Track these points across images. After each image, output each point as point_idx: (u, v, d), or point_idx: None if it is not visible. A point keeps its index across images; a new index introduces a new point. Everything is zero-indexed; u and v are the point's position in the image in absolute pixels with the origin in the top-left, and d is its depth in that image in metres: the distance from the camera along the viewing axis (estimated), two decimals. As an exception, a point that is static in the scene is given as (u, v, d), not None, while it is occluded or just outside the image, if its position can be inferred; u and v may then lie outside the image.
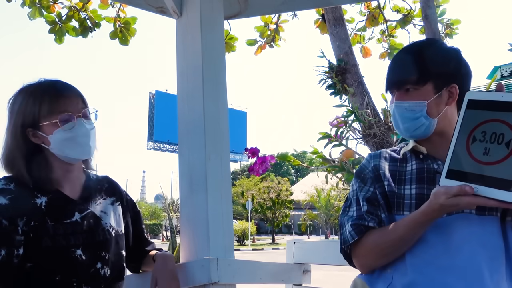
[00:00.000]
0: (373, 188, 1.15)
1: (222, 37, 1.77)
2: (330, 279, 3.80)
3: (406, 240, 1.03)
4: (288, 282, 1.81)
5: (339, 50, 3.06)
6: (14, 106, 1.23)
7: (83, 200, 1.27)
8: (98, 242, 1.25)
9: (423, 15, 2.54)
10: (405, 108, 1.13)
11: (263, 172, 2.13)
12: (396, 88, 1.16)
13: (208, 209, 1.49)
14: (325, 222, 27.84)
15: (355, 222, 1.12)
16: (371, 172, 1.18)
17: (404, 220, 1.04)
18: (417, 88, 1.12)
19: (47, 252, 1.15)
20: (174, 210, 23.76)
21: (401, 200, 1.10)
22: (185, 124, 1.64)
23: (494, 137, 0.89)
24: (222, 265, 1.40)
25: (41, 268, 1.15)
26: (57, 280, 1.15)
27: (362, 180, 1.19)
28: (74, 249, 1.18)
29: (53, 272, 1.15)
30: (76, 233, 1.20)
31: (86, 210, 1.26)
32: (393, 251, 1.06)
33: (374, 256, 1.09)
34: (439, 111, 1.12)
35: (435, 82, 1.11)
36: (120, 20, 3.13)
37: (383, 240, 1.07)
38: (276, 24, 3.60)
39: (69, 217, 1.21)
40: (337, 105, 2.61)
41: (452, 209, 0.95)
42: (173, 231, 8.55)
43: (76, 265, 1.18)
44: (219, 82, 1.66)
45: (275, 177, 32.93)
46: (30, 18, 2.99)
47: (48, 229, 1.16)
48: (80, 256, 1.19)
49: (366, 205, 1.13)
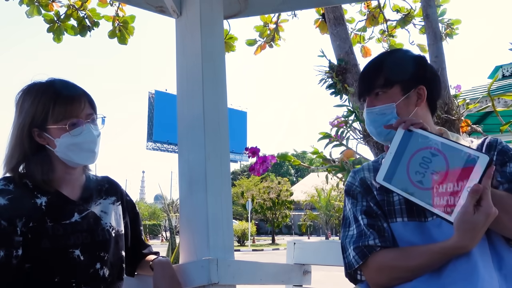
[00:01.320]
0: (365, 202, 1.16)
1: (222, 36, 1.76)
2: (330, 279, 3.79)
3: (430, 267, 1.01)
4: (288, 282, 1.80)
5: (340, 50, 3.05)
6: (24, 104, 1.21)
7: (83, 201, 1.27)
8: (97, 242, 1.24)
9: (424, 14, 2.54)
10: (376, 113, 1.17)
11: (264, 172, 2.12)
12: (367, 93, 1.20)
13: (207, 209, 1.48)
14: (326, 223, 27.84)
15: (357, 245, 1.10)
16: (358, 186, 1.19)
17: (429, 250, 1.01)
18: (385, 91, 1.16)
19: (46, 253, 1.14)
20: (173, 211, 23.76)
21: (392, 207, 1.10)
22: (184, 124, 1.63)
23: (428, 165, 0.98)
24: (222, 265, 1.39)
25: (40, 269, 1.14)
26: (56, 281, 1.15)
27: (353, 197, 1.19)
28: (72, 249, 1.18)
29: (52, 273, 1.15)
30: (75, 232, 1.20)
31: (86, 211, 1.25)
32: (413, 276, 1.03)
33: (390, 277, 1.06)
34: (409, 112, 1.15)
35: (401, 84, 1.15)
36: (118, 19, 3.12)
37: (401, 265, 1.04)
38: (276, 24, 3.59)
39: (68, 218, 1.21)
40: (337, 105, 2.60)
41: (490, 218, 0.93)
42: (173, 231, 8.52)
43: (75, 265, 1.18)
44: (218, 82, 1.65)
45: (275, 177, 32.95)
46: (28, 16, 2.98)
47: (47, 230, 1.15)
48: (79, 257, 1.18)
49: (365, 218, 1.12)
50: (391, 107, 1.14)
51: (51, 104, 1.19)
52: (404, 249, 1.06)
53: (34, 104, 1.19)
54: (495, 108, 2.23)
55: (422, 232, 1.05)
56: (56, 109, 1.19)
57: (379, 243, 1.08)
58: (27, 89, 1.23)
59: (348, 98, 2.96)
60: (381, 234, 1.09)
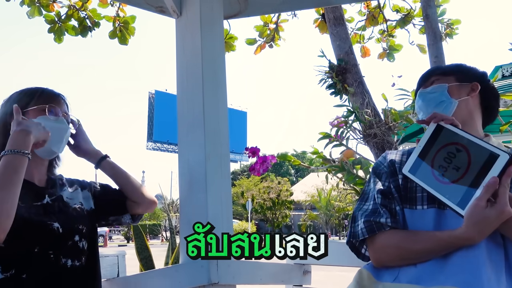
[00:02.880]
0: (387, 182, 1.16)
1: (222, 36, 1.77)
2: (330, 279, 3.79)
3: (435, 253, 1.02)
4: (289, 282, 1.80)
5: (339, 50, 3.05)
6: (8, 100, 1.32)
7: (50, 187, 1.32)
8: (73, 216, 1.30)
9: (424, 14, 2.54)
10: (428, 92, 1.23)
11: (264, 172, 2.13)
12: (423, 83, 1.26)
13: (208, 209, 1.48)
14: (326, 223, 27.83)
15: (368, 219, 1.11)
16: (386, 167, 1.20)
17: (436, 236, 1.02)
18: (440, 78, 1.23)
19: (25, 224, 1.15)
20: (173, 211, 23.76)
21: (414, 194, 1.11)
22: (185, 124, 1.63)
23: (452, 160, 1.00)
24: (222, 265, 1.39)
25: (18, 238, 1.12)
26: (35, 252, 1.17)
27: (377, 176, 1.21)
28: (51, 222, 1.22)
29: (31, 243, 1.17)
30: (49, 213, 1.25)
31: (56, 194, 1.30)
32: (417, 259, 1.04)
33: (394, 257, 1.08)
34: (460, 96, 1.19)
35: (457, 75, 1.22)
36: (119, 19, 3.12)
37: (407, 246, 1.05)
38: (276, 24, 3.59)
39: (40, 200, 1.25)
40: (337, 105, 2.60)
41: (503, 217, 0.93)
42: (173, 231, 8.51)
43: (54, 237, 1.21)
44: (218, 81, 1.65)
45: (275, 177, 32.96)
46: (29, 16, 2.98)
47: (21, 209, 1.12)
48: (58, 229, 1.23)
49: (380, 198, 1.14)
50: (443, 86, 1.20)
51: (35, 95, 1.30)
52: (412, 232, 1.08)
53: (21, 94, 1.31)
54: (495, 108, 2.23)
55: (438, 220, 1.05)
56: (41, 97, 1.30)
57: (390, 223, 1.09)
58: (11, 94, 1.34)
59: (348, 98, 2.97)
60: (393, 215, 1.11)
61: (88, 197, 1.41)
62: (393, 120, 2.61)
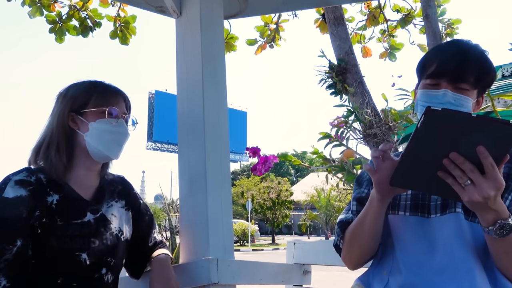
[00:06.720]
0: (367, 190, 1.19)
1: (222, 36, 1.77)
2: (330, 279, 3.79)
3: (368, 225, 1.07)
4: (288, 282, 1.80)
5: (340, 50, 3.05)
6: (68, 92, 1.25)
7: (95, 201, 1.25)
8: (106, 247, 1.21)
9: (424, 14, 2.54)
10: (455, 97, 1.07)
11: (266, 172, 2.13)
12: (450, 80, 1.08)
13: (207, 209, 1.48)
14: (326, 223, 27.83)
15: (340, 220, 1.20)
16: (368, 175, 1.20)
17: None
18: (470, 89, 1.08)
19: (52, 252, 1.12)
20: (173, 211, 23.73)
21: (397, 201, 1.11)
22: (185, 124, 1.63)
23: None
24: (222, 265, 1.39)
25: (44, 267, 1.12)
26: (58, 283, 1.13)
27: (358, 184, 1.24)
28: (79, 252, 1.16)
29: (55, 273, 1.13)
30: (84, 235, 1.17)
31: (99, 212, 1.23)
32: (361, 239, 1.10)
33: (349, 247, 1.15)
34: (474, 110, 1.14)
35: (479, 88, 1.11)
36: (120, 19, 3.12)
37: (351, 227, 1.13)
38: (276, 24, 3.59)
39: (80, 217, 1.18)
40: (337, 105, 2.60)
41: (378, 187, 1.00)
42: (173, 231, 8.52)
43: (80, 269, 1.16)
44: (219, 81, 1.65)
45: (275, 177, 32.92)
46: (31, 16, 2.98)
47: (56, 229, 1.13)
48: (85, 261, 1.16)
49: (355, 204, 1.19)
50: (469, 101, 1.09)
51: (95, 91, 1.24)
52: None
53: (79, 90, 1.25)
54: (494, 108, 2.23)
55: (421, 227, 1.05)
56: (100, 96, 1.23)
57: (350, 219, 1.16)
58: (69, 85, 1.27)
59: (348, 98, 2.97)
60: None
61: (129, 219, 1.34)
62: (393, 120, 2.61)
